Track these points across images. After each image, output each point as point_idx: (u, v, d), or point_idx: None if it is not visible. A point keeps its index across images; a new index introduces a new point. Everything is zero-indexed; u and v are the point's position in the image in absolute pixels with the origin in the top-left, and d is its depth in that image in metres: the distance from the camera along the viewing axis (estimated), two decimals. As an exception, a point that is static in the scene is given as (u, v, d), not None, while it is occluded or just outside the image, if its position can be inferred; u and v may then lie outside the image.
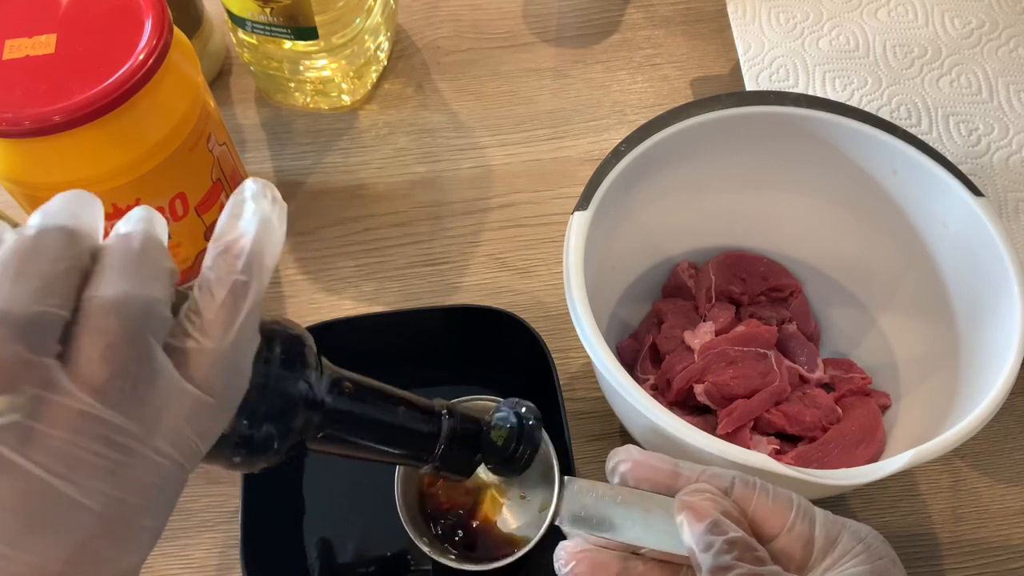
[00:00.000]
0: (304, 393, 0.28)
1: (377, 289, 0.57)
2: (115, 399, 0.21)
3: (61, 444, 0.21)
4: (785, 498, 0.31)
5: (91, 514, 0.21)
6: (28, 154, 0.42)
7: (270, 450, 0.27)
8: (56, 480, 0.21)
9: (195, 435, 0.23)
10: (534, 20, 0.70)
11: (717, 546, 0.29)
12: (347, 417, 0.30)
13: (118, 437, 0.21)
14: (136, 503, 0.22)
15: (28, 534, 0.21)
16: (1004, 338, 0.40)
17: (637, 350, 0.51)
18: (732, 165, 0.49)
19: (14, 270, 0.21)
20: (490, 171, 0.62)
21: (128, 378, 0.22)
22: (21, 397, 0.21)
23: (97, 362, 0.21)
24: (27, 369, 0.21)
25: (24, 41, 0.42)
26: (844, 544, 0.30)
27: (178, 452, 0.23)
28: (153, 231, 0.24)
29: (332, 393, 0.30)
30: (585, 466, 0.51)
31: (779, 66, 0.58)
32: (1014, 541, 0.49)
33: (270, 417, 0.27)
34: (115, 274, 0.22)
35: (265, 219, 0.25)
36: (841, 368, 0.50)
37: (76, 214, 0.23)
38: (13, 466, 0.20)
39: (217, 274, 0.24)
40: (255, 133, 0.64)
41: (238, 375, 0.25)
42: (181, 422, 0.23)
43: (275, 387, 0.27)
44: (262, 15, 0.56)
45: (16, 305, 0.21)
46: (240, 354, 0.24)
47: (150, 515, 0.23)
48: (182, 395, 0.23)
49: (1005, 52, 0.58)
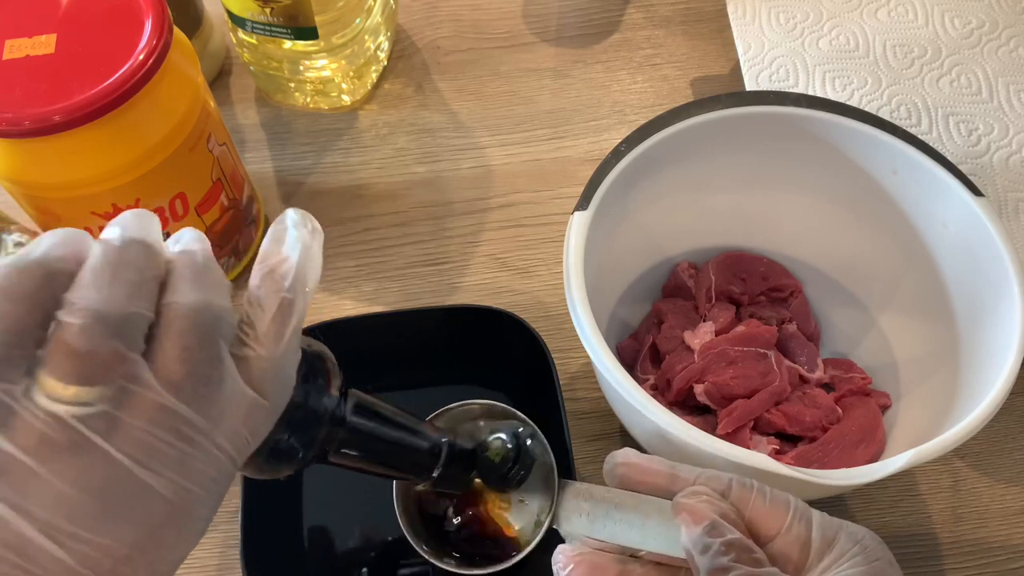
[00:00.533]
0: (331, 407, 0.30)
1: (377, 289, 0.57)
2: (189, 396, 0.23)
3: (141, 433, 0.22)
4: (782, 500, 0.31)
5: (162, 500, 0.23)
6: (28, 154, 0.42)
7: (295, 459, 0.29)
8: (135, 466, 0.22)
9: (248, 434, 0.25)
10: (534, 20, 0.70)
11: (714, 548, 0.29)
12: (363, 432, 0.32)
13: (188, 430, 0.23)
14: (198, 493, 0.24)
15: (104, 518, 0.22)
16: (1004, 338, 0.40)
17: (637, 350, 0.51)
18: (732, 165, 0.49)
19: (108, 276, 0.23)
20: (490, 171, 0.62)
21: (201, 378, 0.24)
22: (111, 388, 0.22)
23: (175, 361, 0.23)
24: (120, 363, 0.22)
25: (24, 41, 0.42)
26: (841, 545, 0.30)
27: (234, 448, 0.25)
28: (208, 249, 0.26)
29: (352, 409, 0.32)
30: (585, 466, 0.51)
31: (779, 66, 0.58)
32: (1014, 541, 0.49)
33: (300, 428, 0.29)
34: (188, 284, 0.25)
35: (306, 246, 0.27)
36: (841, 368, 0.50)
37: (147, 229, 0.25)
38: (99, 451, 0.22)
39: (266, 292, 0.26)
40: (255, 133, 0.64)
41: (286, 382, 0.27)
42: (239, 421, 0.25)
43: (308, 401, 0.29)
44: (262, 15, 0.56)
45: (112, 306, 0.23)
46: (288, 364, 0.27)
47: (207, 506, 0.25)
48: (242, 397, 0.25)
49: (1005, 52, 0.58)
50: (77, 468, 0.22)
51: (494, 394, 0.50)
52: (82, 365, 0.22)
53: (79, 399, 0.22)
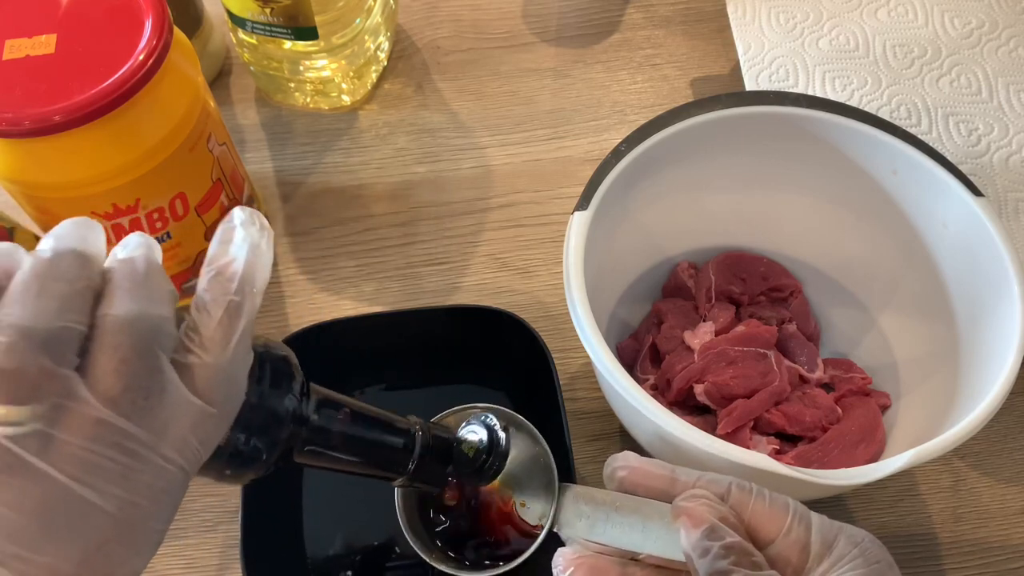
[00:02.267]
0: (291, 409, 0.29)
1: (377, 289, 0.57)
2: (128, 409, 0.23)
3: (79, 450, 0.22)
4: (781, 503, 0.31)
5: (105, 516, 0.23)
6: (28, 154, 0.42)
7: (258, 462, 0.29)
8: (74, 484, 0.22)
9: (198, 443, 0.25)
10: (534, 20, 0.70)
11: (714, 551, 0.29)
12: (328, 431, 0.32)
13: (130, 444, 0.23)
14: (146, 507, 0.23)
15: (46, 537, 0.22)
16: (1004, 338, 0.40)
17: (637, 350, 0.51)
18: (732, 165, 0.49)
19: (36, 289, 0.23)
20: (490, 171, 0.62)
21: (140, 390, 0.23)
22: (43, 406, 0.22)
23: (112, 375, 0.23)
24: (50, 380, 0.22)
25: (24, 41, 0.42)
26: (840, 548, 0.30)
27: (183, 459, 0.24)
28: (153, 255, 0.26)
29: (315, 409, 0.31)
30: (585, 466, 0.51)
31: (779, 66, 0.58)
32: (1014, 541, 0.49)
33: (260, 431, 0.28)
34: (125, 294, 0.24)
35: (254, 244, 0.27)
36: (841, 368, 0.50)
37: (84, 238, 0.25)
38: (35, 471, 0.22)
39: (212, 295, 0.25)
40: (255, 133, 0.64)
41: (235, 388, 0.26)
42: (186, 431, 0.24)
43: (266, 403, 0.28)
44: (262, 15, 0.56)
45: (40, 321, 0.22)
46: (237, 368, 0.26)
47: (158, 518, 0.24)
48: (187, 406, 0.24)
49: (1005, 52, 0.58)
50: (13, 489, 0.21)
51: (494, 394, 0.50)
52: (10, 384, 0.21)
53: (9, 419, 0.21)
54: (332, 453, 0.33)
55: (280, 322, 0.56)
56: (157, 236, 0.49)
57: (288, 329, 0.55)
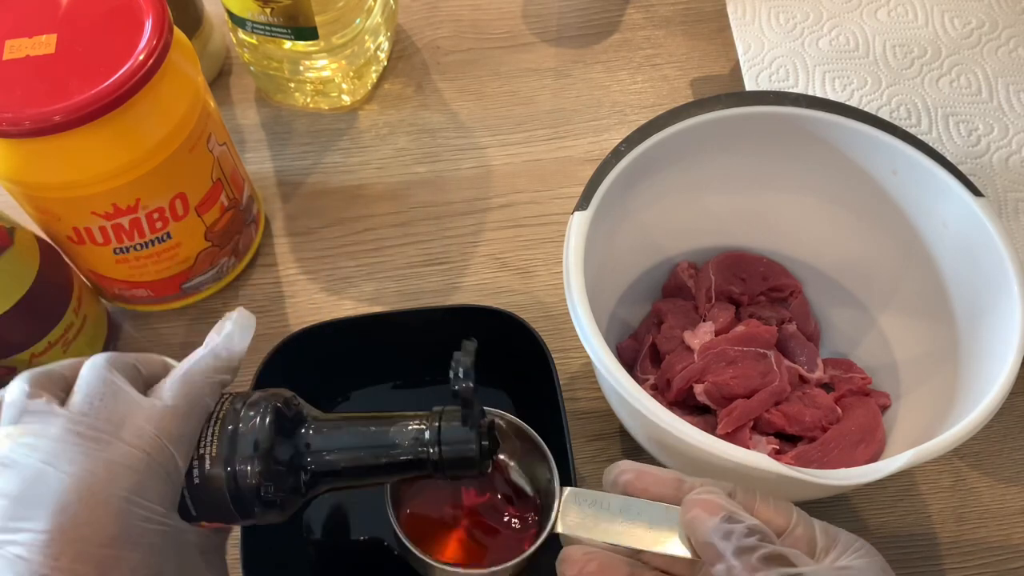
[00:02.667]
0: (296, 447, 0.33)
1: (377, 289, 0.57)
2: (86, 408, 0.30)
3: (49, 443, 0.29)
4: (784, 506, 0.32)
5: (70, 480, 0.29)
6: (28, 154, 0.42)
7: (275, 506, 0.33)
8: (45, 467, 0.29)
9: (154, 431, 0.31)
10: (534, 20, 0.70)
11: (738, 530, 0.29)
12: (332, 448, 0.34)
13: (91, 432, 0.30)
14: (103, 476, 0.29)
15: (24, 509, 0.28)
16: (1004, 338, 0.40)
17: (637, 350, 0.51)
18: (732, 165, 0.49)
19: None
20: (490, 171, 0.62)
21: (96, 395, 0.31)
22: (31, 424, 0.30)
23: (76, 392, 0.31)
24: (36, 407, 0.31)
25: (24, 41, 0.42)
26: (843, 543, 0.31)
27: (143, 443, 0.30)
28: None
29: (312, 434, 0.34)
30: (585, 466, 0.51)
31: (779, 66, 0.58)
32: (1014, 541, 0.49)
33: (272, 476, 0.32)
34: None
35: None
36: (841, 368, 0.50)
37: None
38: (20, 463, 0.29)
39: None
40: (255, 133, 0.64)
41: (189, 387, 0.33)
42: (142, 422, 0.30)
43: (273, 448, 0.32)
44: (262, 15, 0.56)
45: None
46: (191, 373, 0.33)
47: (119, 486, 0.29)
48: (139, 404, 0.31)
49: (1005, 52, 0.58)
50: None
51: (494, 394, 0.50)
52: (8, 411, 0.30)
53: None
54: (344, 468, 0.34)
55: (280, 322, 0.56)
56: (157, 236, 0.49)
57: (288, 329, 0.55)
